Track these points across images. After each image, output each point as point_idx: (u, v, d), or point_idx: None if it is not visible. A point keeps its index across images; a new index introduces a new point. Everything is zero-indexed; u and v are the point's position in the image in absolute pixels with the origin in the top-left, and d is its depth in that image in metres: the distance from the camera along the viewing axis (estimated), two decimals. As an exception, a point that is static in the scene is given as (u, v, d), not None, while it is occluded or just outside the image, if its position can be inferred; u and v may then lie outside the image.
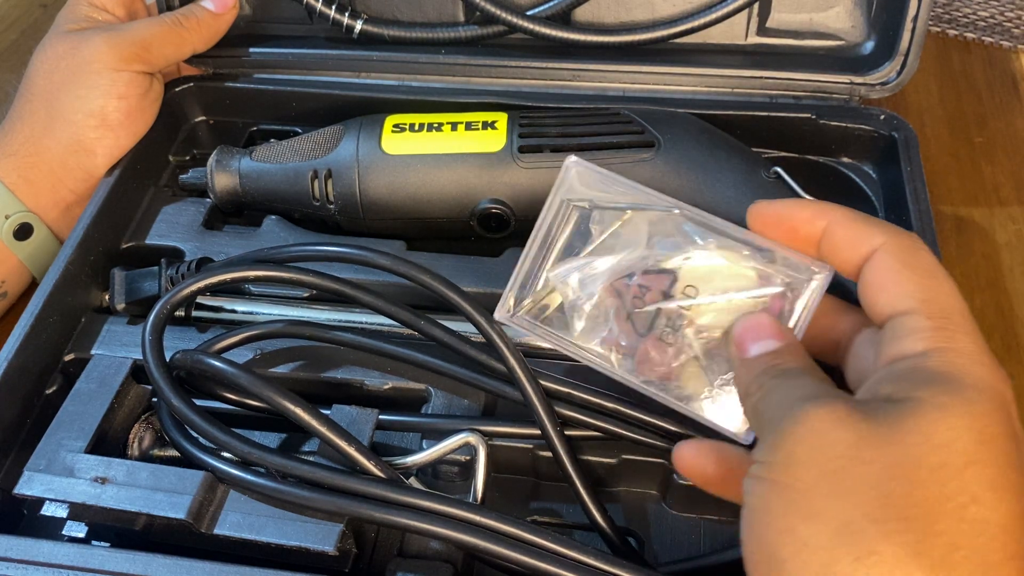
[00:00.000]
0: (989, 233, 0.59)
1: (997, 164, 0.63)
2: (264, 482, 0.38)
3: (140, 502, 0.38)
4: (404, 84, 0.58)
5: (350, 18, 0.58)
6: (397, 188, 0.51)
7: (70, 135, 0.53)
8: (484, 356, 0.43)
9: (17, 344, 0.45)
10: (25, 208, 0.53)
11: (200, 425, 0.39)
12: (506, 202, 0.51)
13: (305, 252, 0.45)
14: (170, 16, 0.56)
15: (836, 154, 0.55)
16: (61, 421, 0.42)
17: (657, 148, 0.49)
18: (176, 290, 0.43)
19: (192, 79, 0.60)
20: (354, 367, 0.46)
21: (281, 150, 0.53)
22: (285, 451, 0.41)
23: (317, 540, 0.37)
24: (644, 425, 0.42)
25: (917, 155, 0.51)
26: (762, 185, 0.48)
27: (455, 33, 0.58)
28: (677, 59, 0.57)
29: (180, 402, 0.40)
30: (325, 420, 0.39)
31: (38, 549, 0.38)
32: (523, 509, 0.45)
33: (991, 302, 0.55)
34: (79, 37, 0.54)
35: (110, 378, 0.43)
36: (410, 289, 0.48)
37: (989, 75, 0.70)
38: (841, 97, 0.55)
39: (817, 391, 0.31)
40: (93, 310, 0.50)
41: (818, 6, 0.56)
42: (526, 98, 0.55)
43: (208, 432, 0.39)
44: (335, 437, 0.39)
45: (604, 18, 0.58)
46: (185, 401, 0.40)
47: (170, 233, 0.53)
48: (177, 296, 0.43)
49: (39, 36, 0.56)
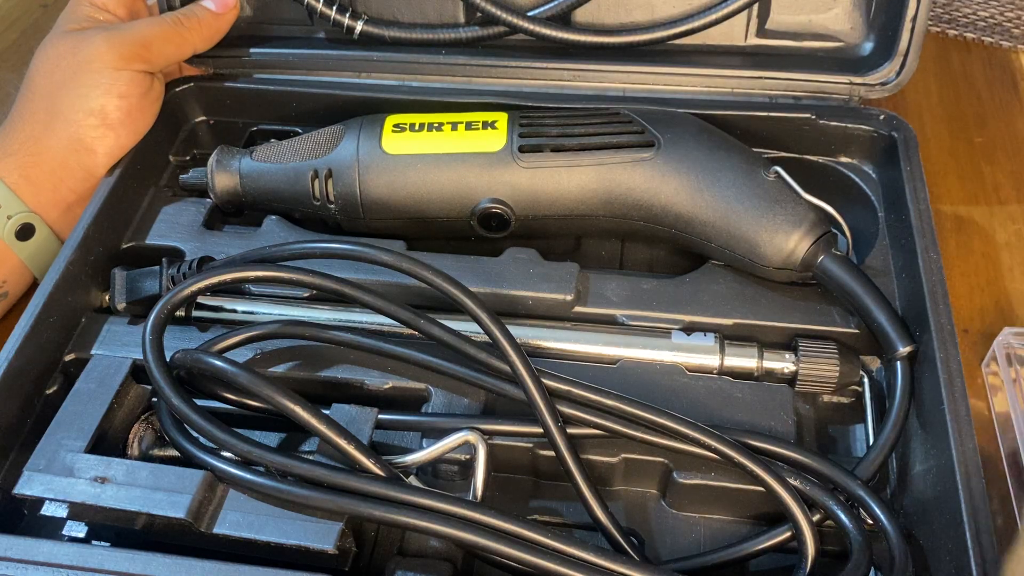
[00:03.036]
0: (989, 233, 0.59)
1: (997, 164, 0.63)
2: (264, 481, 0.38)
3: (140, 501, 0.38)
4: (404, 84, 0.58)
5: (351, 19, 0.58)
6: (397, 188, 0.51)
7: (71, 134, 0.53)
8: (485, 355, 0.43)
9: (17, 344, 0.45)
10: (27, 208, 0.53)
11: (200, 424, 0.39)
12: (506, 202, 0.51)
13: (307, 250, 0.45)
14: (171, 16, 0.56)
15: (836, 154, 0.55)
16: (61, 421, 0.42)
17: (657, 148, 0.49)
18: (177, 290, 0.43)
19: (193, 79, 0.60)
20: (354, 367, 0.46)
21: (281, 150, 0.53)
22: (284, 450, 0.41)
23: (317, 539, 0.37)
24: (645, 423, 0.42)
25: (917, 155, 0.52)
26: (762, 185, 0.48)
27: (456, 34, 0.58)
28: (677, 60, 0.57)
29: (180, 401, 0.40)
30: (324, 419, 0.39)
31: (38, 549, 0.38)
32: (523, 508, 0.45)
33: (991, 302, 0.55)
34: (80, 37, 0.54)
35: (110, 378, 0.43)
36: (410, 289, 0.48)
37: (989, 75, 0.70)
38: (841, 97, 0.55)
39: None
40: (93, 310, 0.50)
41: (817, 7, 0.56)
42: (526, 98, 0.56)
43: (208, 431, 0.39)
44: (334, 436, 0.39)
45: (604, 19, 0.58)
46: (185, 400, 0.40)
47: (170, 233, 0.53)
48: (177, 296, 0.43)
49: (40, 36, 0.56)
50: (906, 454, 0.44)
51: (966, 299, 0.55)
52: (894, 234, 0.50)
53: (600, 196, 0.50)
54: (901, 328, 0.45)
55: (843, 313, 0.48)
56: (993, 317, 0.55)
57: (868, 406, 0.47)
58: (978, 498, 0.38)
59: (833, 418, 0.48)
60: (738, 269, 0.49)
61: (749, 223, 0.47)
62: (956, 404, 0.41)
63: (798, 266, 0.47)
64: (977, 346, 0.53)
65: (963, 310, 0.55)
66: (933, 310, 0.44)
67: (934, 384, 0.42)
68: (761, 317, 0.48)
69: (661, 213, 0.50)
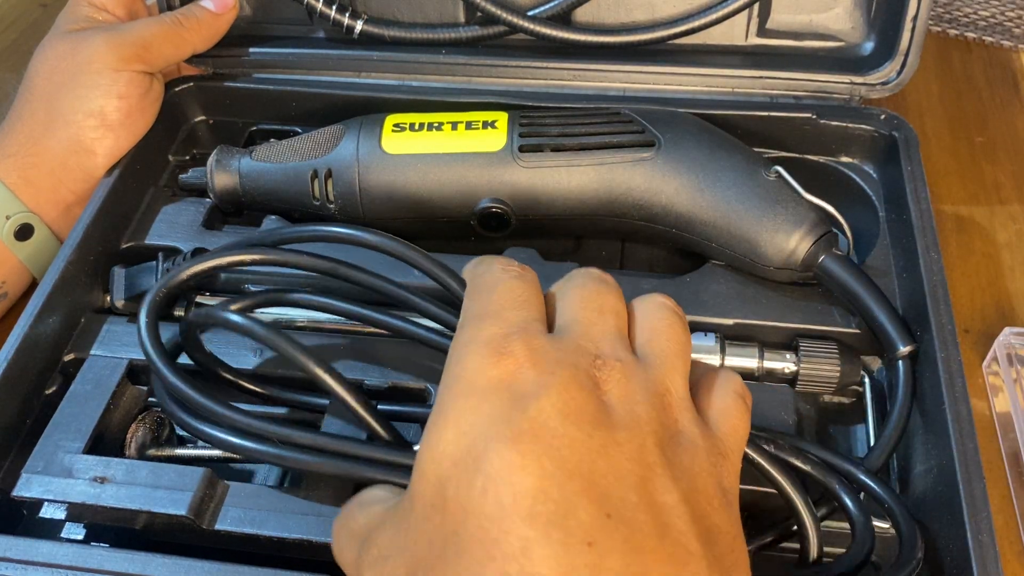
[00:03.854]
0: (990, 233, 0.59)
1: (998, 163, 0.63)
2: (270, 449, 0.36)
3: (140, 500, 0.38)
4: (404, 84, 0.58)
5: (350, 18, 0.58)
6: (397, 188, 0.51)
7: (70, 135, 0.53)
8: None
9: (16, 344, 0.45)
10: (26, 208, 0.53)
11: (199, 401, 0.38)
12: (506, 202, 0.50)
13: (299, 233, 0.43)
14: (170, 16, 0.56)
15: (836, 154, 0.55)
16: (58, 423, 0.42)
17: (657, 147, 0.49)
18: (171, 275, 0.41)
19: (192, 79, 0.60)
20: (354, 365, 0.46)
21: (281, 150, 0.53)
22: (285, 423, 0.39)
23: (319, 533, 0.37)
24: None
25: (918, 155, 0.51)
26: (763, 185, 0.48)
27: (456, 34, 0.58)
28: (677, 59, 0.57)
29: (179, 380, 0.38)
30: (338, 377, 0.37)
31: (37, 549, 0.38)
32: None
33: (992, 302, 0.55)
34: (79, 37, 0.54)
35: (105, 379, 0.43)
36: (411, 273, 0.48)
37: (990, 75, 0.70)
38: (841, 97, 0.55)
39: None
40: (93, 310, 0.50)
41: (818, 7, 0.56)
42: (526, 98, 0.55)
43: (211, 409, 0.38)
44: (347, 394, 0.37)
45: (604, 18, 0.58)
46: (184, 379, 0.38)
47: (170, 233, 0.53)
48: (173, 281, 0.41)
49: (39, 36, 0.56)
50: (907, 454, 0.44)
51: (967, 299, 0.55)
52: (895, 234, 0.50)
53: (600, 196, 0.50)
54: (902, 328, 0.45)
55: (844, 313, 0.48)
56: (994, 317, 0.55)
57: (869, 406, 0.46)
58: (979, 498, 0.38)
59: (834, 418, 0.48)
60: (739, 269, 0.49)
61: (750, 223, 0.47)
62: (957, 404, 0.41)
63: (799, 266, 0.47)
64: (978, 346, 0.53)
65: (964, 310, 0.55)
66: (934, 310, 0.44)
67: (935, 384, 0.42)
68: (762, 317, 0.48)
69: (661, 213, 0.50)
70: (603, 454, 0.27)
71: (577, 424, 0.27)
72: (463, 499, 0.26)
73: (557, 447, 0.26)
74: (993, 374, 0.51)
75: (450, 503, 0.26)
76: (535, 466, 0.26)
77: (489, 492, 0.26)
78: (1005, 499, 0.46)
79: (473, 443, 0.27)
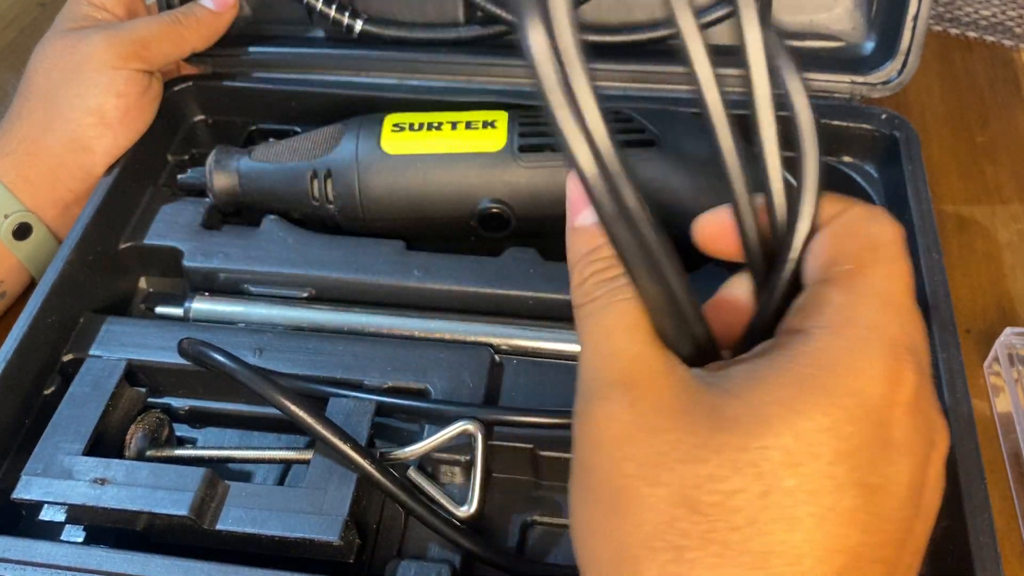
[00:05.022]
0: (991, 232, 0.59)
1: (999, 163, 0.63)
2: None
3: (141, 500, 0.38)
4: (404, 83, 0.58)
5: (350, 18, 0.58)
6: (397, 188, 0.51)
7: (69, 133, 0.53)
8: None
9: (15, 344, 0.45)
10: (24, 207, 0.53)
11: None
12: (506, 202, 0.50)
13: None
14: (169, 15, 0.56)
15: (837, 154, 0.55)
16: (57, 425, 0.42)
17: (658, 147, 0.49)
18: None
19: (191, 78, 0.60)
20: (353, 365, 0.46)
21: (280, 150, 0.53)
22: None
23: (321, 531, 0.37)
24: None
25: (919, 154, 0.51)
26: (763, 184, 0.48)
27: (456, 33, 0.58)
28: (677, 59, 0.57)
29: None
30: (322, 419, 0.39)
31: (37, 550, 0.38)
32: (523, 509, 0.45)
33: (993, 302, 0.55)
34: (78, 36, 0.54)
35: (104, 381, 0.43)
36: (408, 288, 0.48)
37: (991, 74, 0.70)
38: (842, 97, 0.55)
39: (640, 338, 0.26)
40: (92, 310, 0.50)
41: (818, 7, 0.56)
42: (526, 98, 0.55)
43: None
44: (331, 436, 0.38)
45: (605, 18, 0.58)
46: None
47: (169, 233, 0.53)
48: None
49: (38, 35, 0.56)
50: (908, 455, 0.44)
51: (968, 299, 0.55)
52: (896, 234, 0.50)
53: (601, 196, 0.50)
54: (903, 328, 0.45)
55: (844, 313, 0.47)
56: (995, 317, 0.54)
57: (870, 406, 0.46)
58: (980, 499, 0.38)
59: (834, 418, 0.48)
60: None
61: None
62: (958, 404, 0.40)
63: (799, 266, 0.47)
64: (979, 346, 0.53)
65: (965, 310, 0.54)
66: (935, 310, 0.44)
67: (936, 384, 0.42)
68: (762, 317, 0.48)
69: (661, 212, 0.49)
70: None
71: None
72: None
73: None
74: (994, 374, 0.51)
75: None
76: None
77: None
78: (1006, 499, 0.46)
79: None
